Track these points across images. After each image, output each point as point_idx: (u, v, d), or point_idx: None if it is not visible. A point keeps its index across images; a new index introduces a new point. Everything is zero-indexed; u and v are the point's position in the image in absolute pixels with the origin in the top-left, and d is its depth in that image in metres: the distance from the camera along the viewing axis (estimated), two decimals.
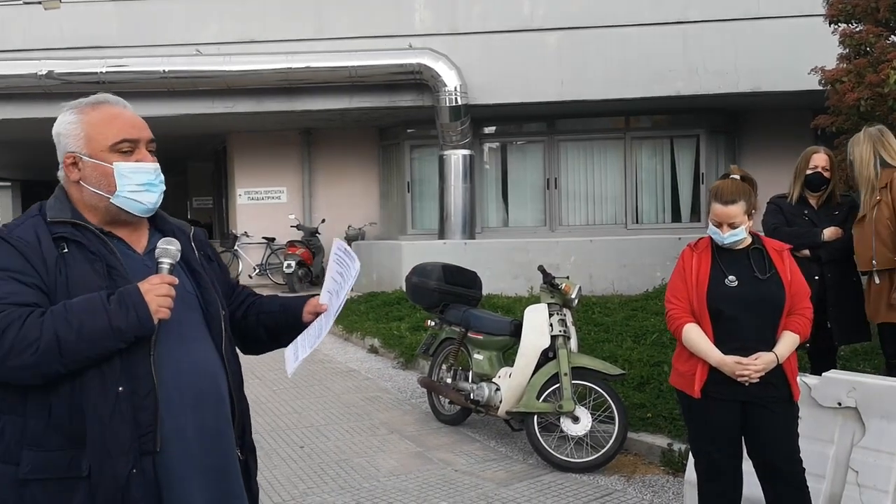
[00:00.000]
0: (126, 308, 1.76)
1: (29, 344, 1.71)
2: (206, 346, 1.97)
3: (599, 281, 10.57)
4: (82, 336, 1.73)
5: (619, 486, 4.63)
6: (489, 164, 13.80)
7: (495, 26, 12.00)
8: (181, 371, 1.88)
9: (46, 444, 1.77)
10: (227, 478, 1.96)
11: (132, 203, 1.92)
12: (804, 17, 10.45)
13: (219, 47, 12.01)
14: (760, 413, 3.19)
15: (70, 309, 1.75)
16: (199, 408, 1.89)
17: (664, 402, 5.40)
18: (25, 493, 1.77)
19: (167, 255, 1.87)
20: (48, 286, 1.81)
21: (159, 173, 1.97)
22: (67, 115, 1.95)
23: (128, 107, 1.99)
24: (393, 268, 11.32)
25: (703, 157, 13.27)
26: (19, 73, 11.54)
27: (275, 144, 14.42)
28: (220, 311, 2.02)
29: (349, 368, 7.89)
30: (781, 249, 3.32)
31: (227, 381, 1.99)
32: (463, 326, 5.74)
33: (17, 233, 1.87)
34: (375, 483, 4.74)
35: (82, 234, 1.88)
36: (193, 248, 2.07)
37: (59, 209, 1.93)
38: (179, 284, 1.92)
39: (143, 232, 2.02)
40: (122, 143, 1.91)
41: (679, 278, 3.32)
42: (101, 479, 1.75)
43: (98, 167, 1.91)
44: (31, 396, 1.78)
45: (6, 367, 1.72)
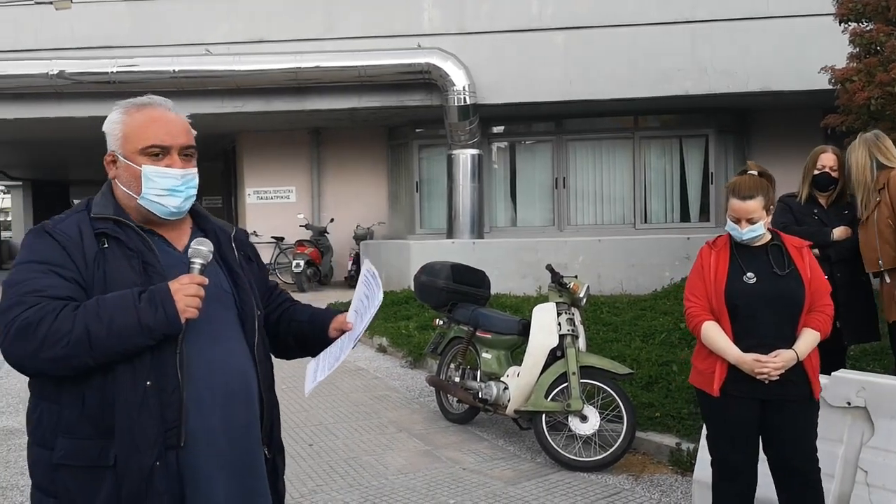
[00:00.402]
0: (155, 306, 1.80)
1: (61, 337, 1.75)
2: (239, 345, 2.00)
3: (608, 280, 10.57)
4: (112, 331, 1.77)
5: (627, 486, 4.63)
6: (497, 164, 13.81)
7: (504, 26, 12.01)
8: (212, 368, 1.91)
9: (79, 432, 1.82)
10: (252, 475, 1.98)
11: (156, 206, 1.95)
12: (813, 17, 10.43)
13: (228, 47, 12.07)
14: (780, 412, 3.16)
15: (102, 304, 1.80)
16: (228, 405, 1.93)
17: (672, 401, 5.40)
18: (58, 477, 1.84)
19: (199, 256, 1.91)
20: (86, 280, 1.86)
21: (188, 179, 1.98)
22: (114, 115, 2.01)
23: (172, 110, 2.01)
24: (401, 267, 11.34)
25: (712, 156, 13.25)
26: (31, 73, 11.63)
27: (284, 144, 14.47)
28: (254, 312, 2.05)
29: (357, 367, 7.91)
30: (801, 246, 3.29)
31: (258, 380, 2.02)
32: (471, 325, 5.75)
33: (61, 227, 1.92)
34: (384, 481, 4.75)
35: (123, 230, 1.93)
36: (234, 248, 2.11)
37: (102, 205, 1.98)
38: (216, 283, 1.97)
39: (184, 230, 2.06)
40: (151, 147, 1.95)
41: (697, 276, 3.31)
42: (127, 470, 1.80)
43: (129, 168, 1.96)
44: (67, 386, 1.83)
45: (39, 358, 1.77)
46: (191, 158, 2.02)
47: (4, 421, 6.14)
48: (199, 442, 1.87)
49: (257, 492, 2.00)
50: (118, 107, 2.01)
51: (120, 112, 1.99)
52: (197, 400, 1.87)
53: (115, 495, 1.81)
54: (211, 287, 1.92)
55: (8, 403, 6.67)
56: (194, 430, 1.86)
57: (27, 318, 1.76)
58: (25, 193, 27.19)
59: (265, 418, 2.04)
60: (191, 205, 2.03)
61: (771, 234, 3.30)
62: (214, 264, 2.00)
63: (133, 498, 1.80)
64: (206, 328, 1.91)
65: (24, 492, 4.61)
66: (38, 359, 1.78)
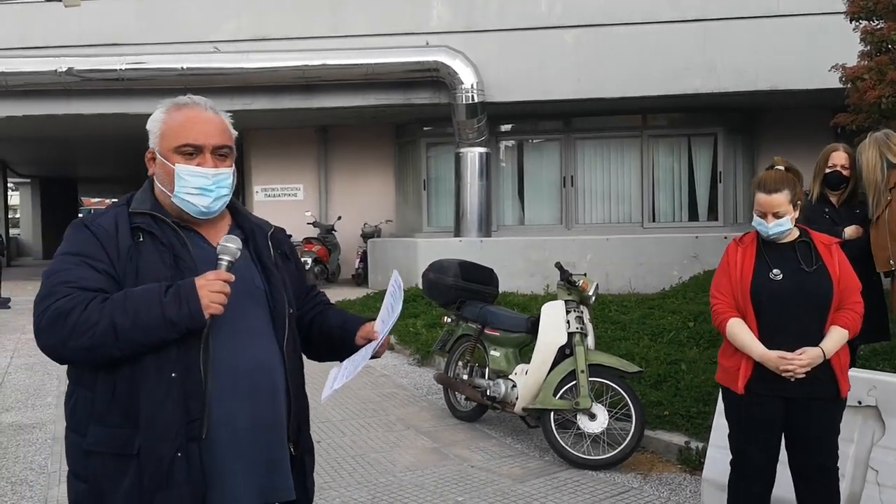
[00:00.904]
0: (179, 301, 1.83)
1: (89, 327, 1.81)
2: (268, 342, 2.02)
3: (616, 279, 10.55)
4: (137, 324, 1.81)
5: (635, 484, 4.62)
6: (505, 162, 13.79)
7: (512, 24, 11.99)
8: (238, 363, 1.94)
9: (109, 420, 1.88)
10: (275, 471, 1.99)
11: (186, 204, 1.99)
12: (824, 15, 10.39)
13: (236, 45, 12.08)
14: (805, 410, 3.12)
15: (129, 297, 1.85)
16: (253, 400, 1.94)
17: (681, 400, 5.38)
18: (88, 463, 1.89)
19: (226, 253, 1.93)
20: (118, 272, 1.91)
21: (220, 179, 2.00)
22: (156, 113, 2.05)
23: (210, 109, 2.04)
24: (409, 265, 11.33)
25: (720, 155, 13.21)
26: (40, 70, 11.68)
27: (291, 142, 14.48)
28: (286, 309, 2.06)
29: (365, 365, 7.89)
30: (830, 243, 3.23)
31: (285, 377, 2.03)
32: (479, 323, 5.74)
33: (99, 221, 1.98)
34: (392, 478, 4.75)
35: (158, 225, 1.97)
36: (270, 246, 2.13)
37: (141, 201, 2.03)
38: (249, 279, 2.01)
39: (222, 227, 2.09)
40: (185, 146, 1.98)
41: (723, 273, 3.28)
42: (149, 459, 1.84)
43: (164, 166, 2.01)
44: (101, 375, 1.89)
45: (68, 347, 1.84)
46: (225, 158, 2.04)
47: (13, 416, 6.16)
48: (222, 435, 1.90)
49: (280, 488, 2.01)
50: (161, 105, 2.06)
51: (161, 111, 2.04)
52: (221, 393, 1.90)
53: (138, 484, 1.84)
54: (243, 283, 1.95)
55: (17, 399, 6.70)
56: (217, 422, 1.89)
57: (58, 308, 1.83)
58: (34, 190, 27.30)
59: (292, 416, 2.05)
60: (223, 205, 2.05)
61: (800, 231, 3.26)
62: (248, 261, 2.04)
63: (154, 487, 1.84)
64: (236, 323, 1.94)
65: (34, 487, 4.63)
66: (67, 347, 1.84)
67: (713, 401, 4.85)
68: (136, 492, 1.84)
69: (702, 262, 10.67)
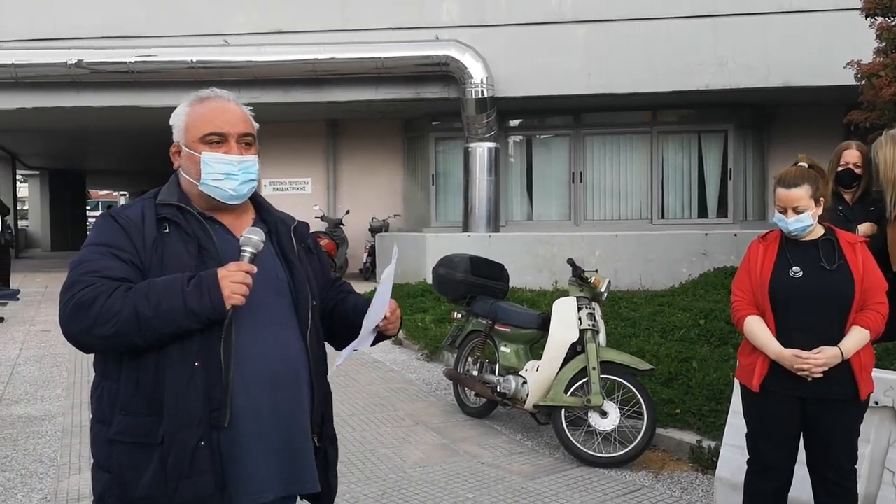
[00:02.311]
0: (201, 291, 1.86)
1: (112, 316, 1.84)
2: (291, 333, 2.05)
3: (625, 276, 10.51)
4: (159, 314, 1.84)
5: (647, 482, 4.60)
6: (514, 158, 13.76)
7: (523, 18, 11.95)
8: (261, 353, 1.96)
9: (133, 409, 1.90)
10: (297, 461, 2.02)
11: (215, 190, 2.03)
12: (837, 11, 10.32)
13: (246, 38, 12.07)
14: (822, 411, 3.08)
15: (152, 287, 1.88)
16: (275, 390, 1.97)
17: (693, 398, 5.35)
18: (113, 452, 1.92)
19: (249, 244, 1.96)
20: (143, 263, 1.94)
21: (246, 166, 2.06)
22: (180, 108, 2.10)
23: (232, 101, 2.11)
24: (417, 260, 11.32)
25: (731, 152, 13.15)
26: (50, 62, 11.68)
27: (300, 135, 14.47)
28: (308, 301, 2.09)
29: (374, 359, 7.90)
30: (855, 241, 3.18)
31: (309, 368, 2.06)
32: (490, 319, 5.71)
33: (127, 212, 2.02)
34: (401, 474, 4.73)
35: (184, 216, 2.01)
36: (293, 239, 2.16)
37: (168, 193, 2.07)
38: (272, 271, 2.05)
39: (246, 219, 2.13)
40: (210, 135, 2.03)
41: (744, 270, 3.25)
42: (172, 447, 1.86)
43: (191, 156, 2.05)
44: (125, 365, 1.92)
45: (92, 335, 1.87)
46: (250, 147, 2.10)
47: (23, 408, 6.17)
48: (244, 424, 1.92)
49: (301, 479, 2.03)
50: (185, 100, 2.11)
51: (185, 105, 2.10)
52: (244, 383, 1.92)
53: (161, 472, 1.87)
54: (266, 275, 1.99)
55: (26, 391, 6.70)
56: (240, 412, 1.92)
57: (83, 296, 1.86)
58: (42, 183, 27.36)
59: (316, 406, 2.09)
60: (250, 190, 2.09)
61: (825, 230, 3.22)
62: (272, 253, 2.08)
63: (177, 475, 1.86)
64: (258, 314, 1.97)
65: (43, 480, 4.63)
66: (91, 335, 1.87)
67: (725, 399, 4.82)
68: (159, 480, 1.87)
69: (711, 259, 10.62)
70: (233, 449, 1.92)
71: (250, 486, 1.94)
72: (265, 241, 2.01)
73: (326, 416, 2.16)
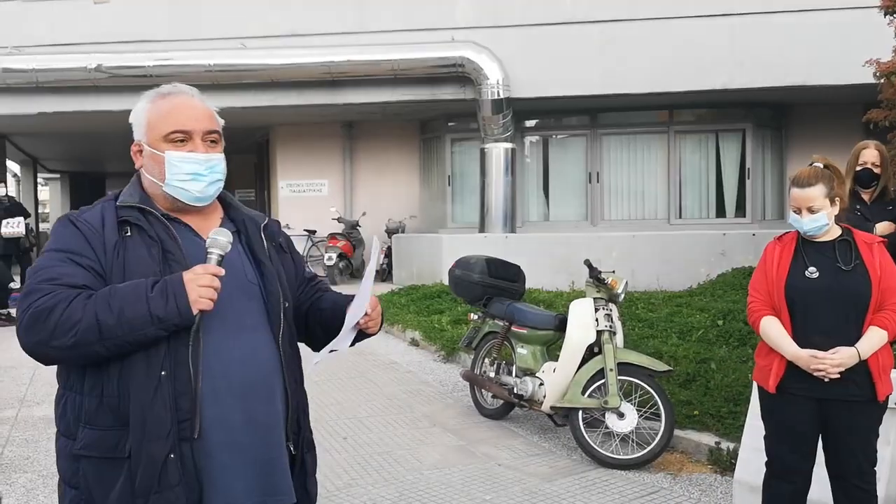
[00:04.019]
0: (166, 297, 1.77)
1: (72, 325, 1.75)
2: (262, 337, 1.95)
3: (642, 276, 10.45)
4: (122, 322, 1.75)
5: (665, 484, 4.58)
6: (530, 158, 13.74)
7: (538, 19, 11.92)
8: (230, 359, 1.87)
9: (99, 422, 1.82)
10: (272, 472, 1.92)
11: (180, 191, 1.94)
12: (856, 9, 10.21)
13: (263, 41, 12.13)
14: (839, 412, 3.07)
15: (114, 294, 1.78)
16: (247, 398, 1.88)
17: (711, 399, 5.32)
18: (79, 467, 1.84)
19: (216, 246, 1.87)
20: (105, 268, 1.85)
21: (213, 164, 1.96)
22: (139, 104, 2.01)
23: (195, 96, 2.01)
24: (433, 261, 11.32)
25: (749, 151, 13.06)
26: (70, 67, 11.79)
27: (317, 137, 14.52)
28: (280, 303, 1.99)
29: (391, 361, 7.92)
30: (872, 242, 3.17)
31: (283, 374, 1.97)
32: (506, 320, 5.71)
33: (86, 216, 1.92)
34: (419, 476, 4.74)
35: (146, 218, 1.92)
36: (263, 239, 2.07)
37: (129, 194, 1.98)
38: (241, 273, 1.95)
39: (213, 219, 2.04)
40: (174, 133, 1.94)
41: (761, 271, 3.24)
42: (140, 461, 1.78)
43: (154, 156, 1.96)
44: (89, 375, 1.83)
45: (51, 346, 1.77)
46: (216, 144, 2.00)
47: (45, 410, 6.23)
48: (216, 434, 1.83)
49: (278, 488, 1.94)
50: (144, 97, 2.01)
51: (145, 101, 2.00)
52: (214, 391, 1.84)
53: (130, 488, 1.79)
54: (235, 277, 1.90)
55: (46, 392, 6.76)
56: (211, 421, 1.83)
57: (40, 306, 1.77)
58: (63, 186, 27.62)
59: (291, 413, 1.99)
60: (217, 190, 2.00)
61: (842, 230, 3.20)
62: (241, 254, 1.98)
63: (146, 489, 1.78)
64: (228, 318, 1.88)
65: None
66: (49, 346, 1.78)
67: (744, 400, 4.79)
68: (128, 495, 1.79)
69: (729, 260, 10.55)
70: (204, 461, 1.82)
71: (223, 499, 1.85)
72: (233, 242, 1.92)
73: (303, 422, 2.05)
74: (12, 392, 6.81)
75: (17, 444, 5.36)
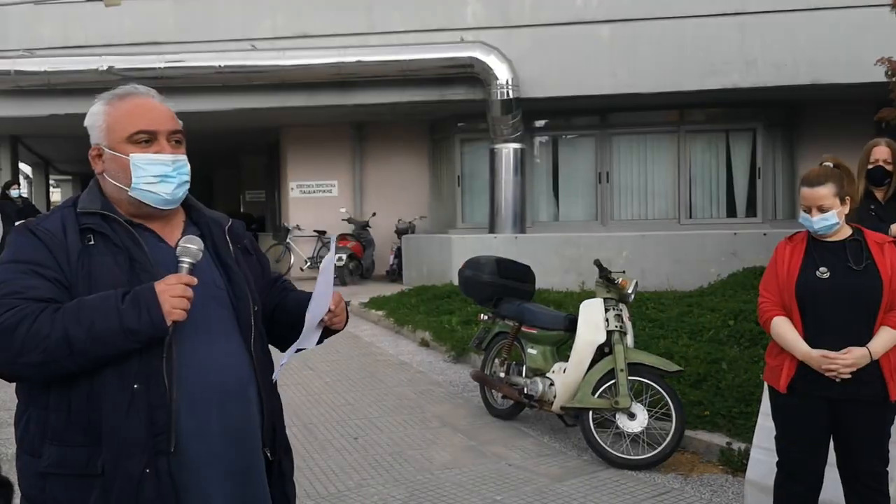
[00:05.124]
0: (139, 309, 1.71)
1: (39, 341, 1.67)
2: (234, 344, 1.90)
3: (652, 276, 10.43)
4: (93, 335, 1.69)
5: (676, 485, 4.57)
6: (540, 158, 13.73)
7: (548, 19, 11.92)
8: (204, 369, 1.82)
9: (67, 439, 1.75)
10: (250, 479, 1.89)
11: (148, 195, 1.87)
12: (867, 8, 10.17)
13: (273, 42, 12.17)
14: (851, 413, 3.06)
15: (82, 307, 1.71)
16: (223, 406, 1.84)
17: (722, 399, 5.30)
18: (46, 486, 1.76)
19: (187, 255, 1.81)
20: (69, 280, 1.77)
21: (179, 165, 1.90)
22: (95, 107, 1.92)
23: (155, 97, 1.94)
24: (443, 261, 11.34)
25: (759, 151, 13.02)
26: (81, 69, 11.85)
27: (326, 138, 14.56)
28: (250, 308, 1.94)
29: (401, 361, 7.93)
30: (883, 242, 3.15)
31: (256, 380, 1.93)
32: (516, 321, 5.71)
33: (45, 225, 1.83)
34: (429, 476, 4.75)
35: (109, 225, 1.84)
36: (228, 242, 2.01)
37: (90, 200, 1.89)
38: (209, 279, 1.89)
39: (177, 223, 1.97)
40: (138, 133, 1.86)
41: (771, 271, 3.24)
42: (115, 478, 1.72)
43: (117, 159, 1.88)
44: (53, 390, 1.76)
45: (18, 363, 1.70)
46: (180, 145, 1.93)
47: None
48: (193, 446, 1.78)
49: (257, 496, 1.91)
50: (99, 99, 1.93)
51: (102, 104, 1.91)
52: (189, 402, 1.78)
53: None
54: (204, 284, 1.83)
55: None
56: (187, 433, 1.78)
57: (4, 322, 1.68)
58: (75, 187, 27.79)
59: (266, 419, 1.95)
60: (184, 193, 1.93)
61: (853, 230, 3.19)
62: (207, 259, 1.91)
63: None
64: (198, 327, 1.82)
65: None
66: (17, 364, 1.70)
67: (755, 401, 4.78)
68: None
69: (741, 259, 10.52)
70: (182, 474, 1.77)
71: None
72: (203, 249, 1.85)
73: (278, 427, 2.01)
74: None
75: None
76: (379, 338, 9.06)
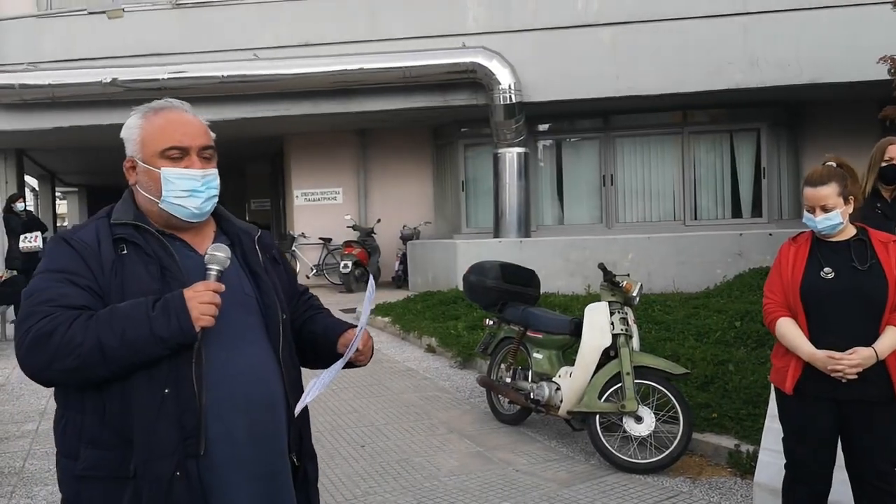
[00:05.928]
0: (168, 316, 1.75)
1: (73, 348, 1.72)
2: (262, 350, 1.95)
3: (658, 278, 10.41)
4: (124, 342, 1.73)
5: (684, 488, 4.54)
6: (544, 162, 13.72)
7: (549, 22, 11.92)
8: (232, 374, 1.86)
9: (101, 442, 1.80)
10: (276, 484, 1.93)
11: (177, 208, 1.92)
12: (868, 6, 10.15)
13: (275, 51, 12.20)
14: (858, 413, 3.04)
15: (115, 314, 1.76)
16: (251, 412, 1.88)
17: (730, 402, 5.28)
18: (82, 489, 1.82)
19: (215, 262, 1.86)
20: (102, 288, 1.82)
21: (209, 180, 1.95)
22: (131, 120, 1.98)
23: (189, 111, 1.99)
24: (448, 267, 11.33)
25: (764, 150, 12.99)
26: (85, 81, 11.91)
27: (330, 146, 14.58)
28: (279, 315, 1.99)
29: (407, 368, 7.92)
30: (888, 241, 3.13)
31: (283, 386, 1.97)
32: (522, 325, 5.70)
33: (80, 235, 1.90)
34: (436, 483, 4.74)
35: (142, 235, 1.90)
36: (258, 251, 2.05)
37: (123, 211, 1.96)
38: (238, 287, 1.93)
39: (207, 234, 2.02)
40: (171, 149, 1.92)
41: (776, 272, 3.22)
42: (146, 480, 1.76)
43: (149, 172, 1.93)
44: (88, 395, 1.81)
45: (52, 369, 1.75)
46: (210, 159, 1.98)
47: None
48: (221, 450, 1.83)
49: (284, 500, 1.95)
50: (135, 112, 1.98)
51: (137, 117, 1.97)
52: (217, 407, 1.83)
53: None
54: (232, 291, 1.88)
55: None
56: (215, 437, 1.82)
57: (40, 329, 1.74)
58: (81, 199, 27.88)
59: (293, 425, 1.99)
60: (213, 206, 1.99)
61: (857, 230, 3.17)
62: (237, 268, 1.97)
63: None
64: (227, 333, 1.87)
65: None
66: (51, 369, 1.76)
67: (763, 402, 4.75)
68: None
69: (747, 260, 10.49)
70: (210, 477, 1.81)
71: None
72: (230, 256, 1.91)
73: (304, 433, 2.06)
74: (33, 405, 6.87)
75: (38, 458, 5.40)
76: (385, 344, 9.05)
